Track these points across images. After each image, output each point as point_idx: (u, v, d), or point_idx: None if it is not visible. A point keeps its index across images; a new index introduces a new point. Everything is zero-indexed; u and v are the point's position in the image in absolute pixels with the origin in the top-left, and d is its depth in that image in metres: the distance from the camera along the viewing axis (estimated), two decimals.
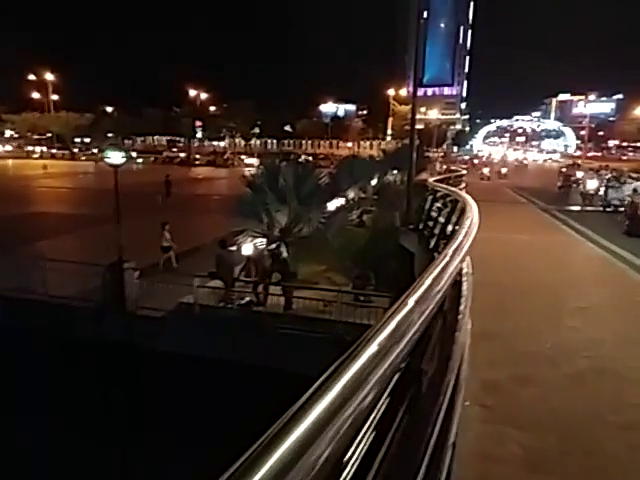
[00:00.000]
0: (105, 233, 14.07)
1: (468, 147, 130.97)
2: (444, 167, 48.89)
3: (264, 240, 11.96)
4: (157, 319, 11.71)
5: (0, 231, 18.39)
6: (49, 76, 71.27)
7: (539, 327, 5.20)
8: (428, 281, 1.43)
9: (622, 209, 18.97)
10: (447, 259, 1.89)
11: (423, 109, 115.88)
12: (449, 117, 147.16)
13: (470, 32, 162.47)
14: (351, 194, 22.07)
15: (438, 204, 10.17)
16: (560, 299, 6.31)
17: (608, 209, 20.59)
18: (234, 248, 12.24)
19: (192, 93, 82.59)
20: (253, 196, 12.38)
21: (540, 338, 4.89)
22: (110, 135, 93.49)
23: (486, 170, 43.90)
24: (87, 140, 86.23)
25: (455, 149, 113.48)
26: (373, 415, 1.40)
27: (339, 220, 13.17)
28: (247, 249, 12.13)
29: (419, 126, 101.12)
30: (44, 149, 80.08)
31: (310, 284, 13.36)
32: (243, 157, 71.98)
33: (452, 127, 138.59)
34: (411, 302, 1.20)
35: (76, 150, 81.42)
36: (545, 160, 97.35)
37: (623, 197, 19.90)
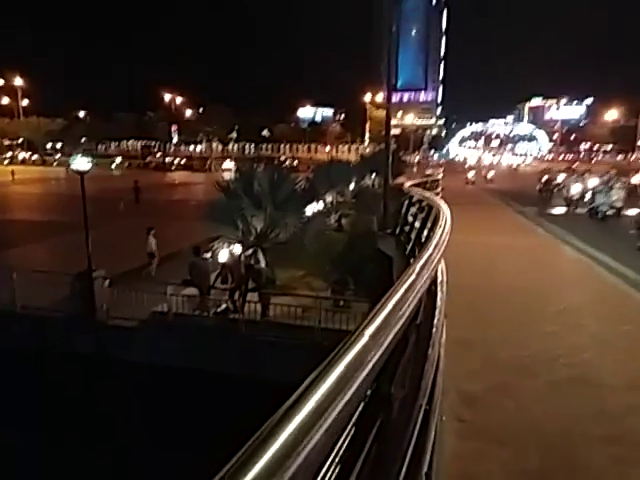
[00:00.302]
0: (77, 240, 13.72)
1: (444, 151, 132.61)
2: (428, 171, 48.38)
3: (240, 246, 11.73)
4: (129, 329, 11.37)
5: None
6: (18, 81, 69.56)
7: (518, 333, 5.11)
8: (388, 308, 1.26)
9: (610, 213, 18.40)
10: (413, 277, 1.74)
11: (399, 114, 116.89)
12: (425, 122, 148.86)
13: (444, 38, 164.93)
14: (329, 198, 21.96)
15: (414, 209, 10.11)
16: (540, 303, 6.26)
17: (596, 216, 18.69)
18: (209, 255, 11.98)
19: (167, 97, 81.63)
20: (228, 201, 12.13)
21: (519, 344, 4.80)
22: (83, 140, 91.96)
23: (471, 174, 42.24)
24: (59, 145, 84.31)
25: (433, 153, 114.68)
26: (337, 448, 1.25)
27: (316, 225, 13.02)
28: (223, 256, 11.88)
29: (396, 131, 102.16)
30: (23, 154, 77.48)
31: (289, 290, 13.17)
32: (227, 161, 70.46)
33: (428, 132, 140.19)
34: (367, 335, 1.03)
35: (57, 156, 79.00)
36: (519, 164, 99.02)
37: (612, 202, 18.66)
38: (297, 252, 13.31)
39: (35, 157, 76.07)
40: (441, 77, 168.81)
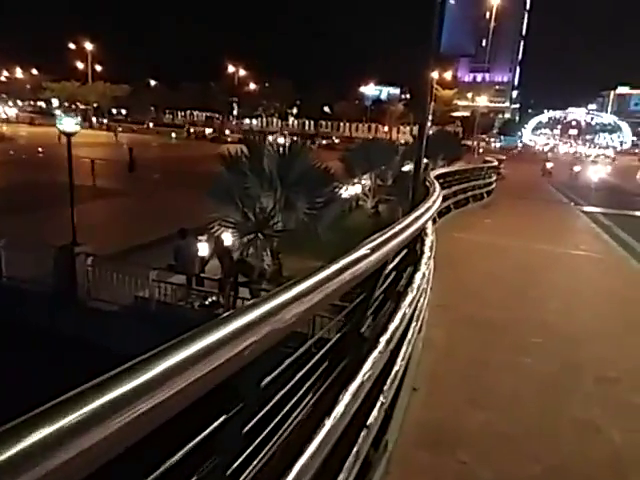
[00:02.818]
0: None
1: (516, 137, 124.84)
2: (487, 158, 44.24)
3: (233, 232, 10.18)
4: (109, 313, 10.22)
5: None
6: (89, 46, 71.36)
7: (533, 425, 3.18)
8: None
9: None
10: None
11: (470, 95, 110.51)
12: (498, 105, 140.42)
13: (526, 17, 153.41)
14: (368, 181, 19.97)
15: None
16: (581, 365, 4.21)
17: None
18: (203, 238, 10.52)
19: (230, 69, 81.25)
20: (230, 177, 10.56)
21: (529, 456, 2.90)
22: (152, 108, 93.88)
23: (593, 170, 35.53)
24: (124, 111, 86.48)
25: (502, 138, 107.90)
26: None
27: (332, 211, 11.19)
28: (224, 240, 10.35)
29: (465, 113, 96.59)
30: (98, 120, 79.38)
31: None
32: (280, 137, 69.68)
33: (500, 116, 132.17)
34: None
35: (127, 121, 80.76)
36: (597, 155, 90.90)
37: None
38: (311, 241, 11.64)
39: (101, 123, 78.02)
40: (520, 58, 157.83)
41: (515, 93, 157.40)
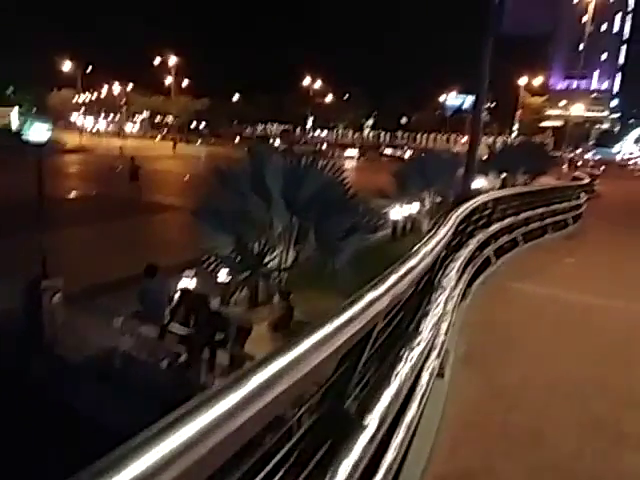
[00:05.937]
0: None
1: (614, 150, 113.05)
2: (575, 173, 39.24)
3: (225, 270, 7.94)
4: (71, 365, 8.35)
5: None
6: (172, 60, 74.15)
7: None
8: None
9: None
10: None
11: (563, 103, 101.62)
12: (595, 114, 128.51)
13: (630, 18, 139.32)
14: (428, 199, 17.07)
15: None
16: None
17: None
18: (189, 274, 8.33)
19: (305, 81, 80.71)
20: (224, 197, 8.35)
21: None
22: (235, 121, 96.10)
23: None
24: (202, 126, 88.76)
25: (595, 151, 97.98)
26: None
27: (356, 240, 8.62)
28: (184, 283, 8.05)
29: (557, 123, 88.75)
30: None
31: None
32: (350, 149, 68.21)
33: (598, 126, 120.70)
34: None
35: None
36: None
37: None
38: (323, 279, 9.10)
39: (181, 136, 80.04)
40: (621, 63, 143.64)
41: (615, 101, 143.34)
